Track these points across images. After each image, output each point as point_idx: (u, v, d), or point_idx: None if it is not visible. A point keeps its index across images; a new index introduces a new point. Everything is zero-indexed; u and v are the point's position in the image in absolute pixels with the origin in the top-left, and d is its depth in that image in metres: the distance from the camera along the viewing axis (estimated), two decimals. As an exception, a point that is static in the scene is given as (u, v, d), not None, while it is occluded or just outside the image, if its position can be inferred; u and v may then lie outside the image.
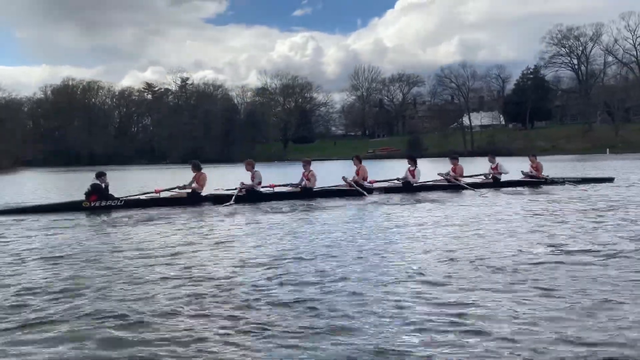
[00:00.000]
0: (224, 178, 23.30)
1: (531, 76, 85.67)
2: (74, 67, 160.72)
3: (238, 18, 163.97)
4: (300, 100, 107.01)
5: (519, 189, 14.51)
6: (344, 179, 13.74)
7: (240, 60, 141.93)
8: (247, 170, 12.94)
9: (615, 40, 76.98)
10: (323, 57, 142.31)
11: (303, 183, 13.17)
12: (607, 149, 59.90)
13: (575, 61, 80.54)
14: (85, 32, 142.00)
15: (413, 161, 14.47)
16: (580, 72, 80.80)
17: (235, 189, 12.48)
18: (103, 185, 11.93)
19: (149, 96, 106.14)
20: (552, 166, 24.31)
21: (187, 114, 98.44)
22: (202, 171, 12.77)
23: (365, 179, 13.70)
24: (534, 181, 15.33)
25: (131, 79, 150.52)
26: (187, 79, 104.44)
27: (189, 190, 12.54)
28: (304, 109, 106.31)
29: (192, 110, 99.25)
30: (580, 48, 79.25)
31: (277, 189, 13.08)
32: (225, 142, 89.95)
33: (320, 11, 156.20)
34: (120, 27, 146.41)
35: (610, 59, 78.85)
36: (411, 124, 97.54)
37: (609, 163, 31.86)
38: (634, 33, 75.98)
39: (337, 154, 78.09)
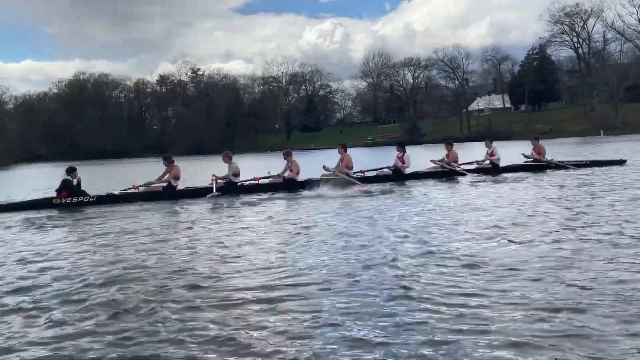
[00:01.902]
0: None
1: (537, 56, 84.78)
2: (107, 60, 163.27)
3: (266, 6, 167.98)
4: (310, 88, 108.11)
5: (521, 174, 13.95)
6: (324, 168, 13.32)
7: (268, 49, 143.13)
8: (225, 162, 12.67)
9: (619, 16, 75.47)
10: (351, 43, 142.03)
11: (286, 174, 12.94)
12: (601, 131, 59.77)
13: (575, 39, 79.38)
14: (116, 26, 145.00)
15: (401, 147, 14.11)
16: (583, 50, 79.67)
17: (211, 182, 12.28)
18: (75, 181, 11.56)
19: (163, 89, 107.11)
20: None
21: (195, 106, 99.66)
22: (175, 164, 12.39)
23: (350, 168, 13.25)
24: (536, 165, 14.76)
25: (162, 71, 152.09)
26: (198, 69, 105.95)
27: (165, 184, 12.18)
28: (311, 98, 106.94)
29: (199, 102, 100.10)
30: (581, 24, 77.89)
31: (260, 182, 12.85)
32: (229, 133, 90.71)
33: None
34: (151, 20, 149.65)
35: (610, 35, 76.92)
36: (422, 109, 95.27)
37: (585, 148, 30.85)
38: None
39: (342, 142, 78.43)
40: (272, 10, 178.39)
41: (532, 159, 15.06)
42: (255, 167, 15.37)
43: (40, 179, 26.25)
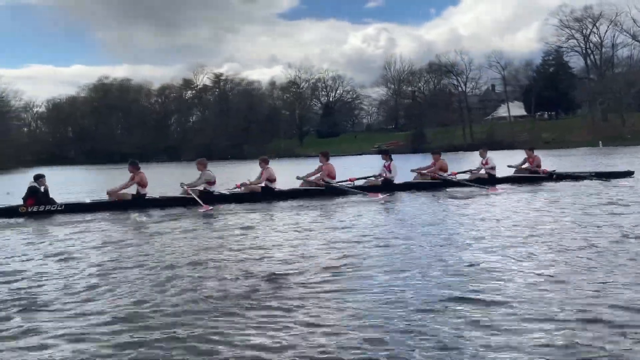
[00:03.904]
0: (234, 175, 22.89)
1: (553, 62, 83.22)
2: (153, 65, 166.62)
3: (310, 12, 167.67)
4: (332, 94, 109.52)
5: (516, 186, 13.70)
6: (298, 178, 13.28)
7: (312, 54, 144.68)
8: (198, 169, 12.27)
9: (634, 21, 72.98)
10: (396, 48, 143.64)
11: (263, 183, 12.69)
12: (600, 142, 59.05)
13: (583, 45, 77.47)
14: (162, 31, 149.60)
15: (387, 156, 13.88)
16: (593, 57, 77.64)
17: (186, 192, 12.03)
18: (42, 188, 11.44)
19: (186, 94, 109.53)
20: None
21: (212, 111, 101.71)
22: (140, 170, 12.11)
23: (332, 177, 13.09)
24: (532, 177, 14.58)
25: (207, 76, 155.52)
26: (221, 74, 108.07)
27: (134, 192, 11.97)
28: (329, 104, 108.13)
29: (215, 107, 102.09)
30: (590, 28, 75.74)
31: (235, 191, 12.71)
32: (242, 138, 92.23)
33: (393, 2, 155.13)
34: (196, 25, 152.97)
35: (620, 40, 74.73)
36: (444, 116, 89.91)
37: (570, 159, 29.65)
38: (657, 12, 71.56)
39: (354, 149, 79.92)
40: (317, 15, 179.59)
41: (523, 169, 14.97)
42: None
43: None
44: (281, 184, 13.27)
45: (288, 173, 17.32)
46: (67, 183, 26.25)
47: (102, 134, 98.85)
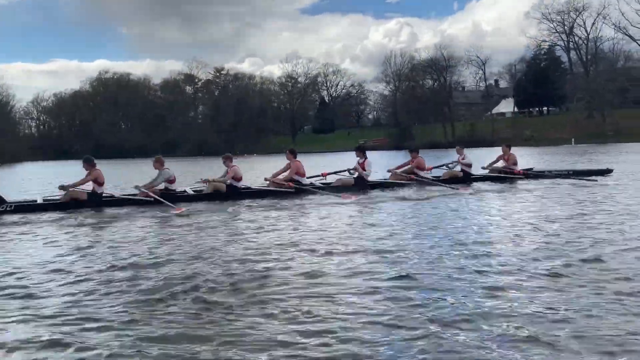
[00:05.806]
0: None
1: (545, 57, 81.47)
2: (177, 61, 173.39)
3: (333, 7, 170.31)
4: (331, 90, 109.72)
5: (493, 185, 13.39)
6: (267, 180, 12.82)
7: (334, 49, 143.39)
8: (155, 168, 11.68)
9: (622, 13, 71.99)
10: (418, 42, 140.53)
11: (228, 181, 12.18)
12: (572, 139, 58.59)
13: (565, 39, 76.37)
14: (186, 26, 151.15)
15: (362, 153, 13.51)
16: (579, 52, 76.49)
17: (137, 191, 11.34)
18: None
19: (187, 89, 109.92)
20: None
21: (209, 106, 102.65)
22: (96, 167, 11.34)
23: (301, 174, 12.65)
24: (508, 175, 14.18)
25: (208, 70, 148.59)
26: (222, 69, 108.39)
27: (89, 190, 11.18)
28: (324, 100, 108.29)
29: (210, 103, 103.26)
30: (573, 20, 74.48)
31: (190, 190, 12.27)
32: (234, 134, 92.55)
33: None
34: (220, 20, 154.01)
35: (604, 33, 74.13)
36: (437, 113, 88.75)
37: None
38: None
39: (341, 146, 79.74)
40: (339, 10, 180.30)
41: (496, 168, 14.47)
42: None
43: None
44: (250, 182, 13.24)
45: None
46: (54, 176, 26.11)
47: (103, 128, 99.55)
